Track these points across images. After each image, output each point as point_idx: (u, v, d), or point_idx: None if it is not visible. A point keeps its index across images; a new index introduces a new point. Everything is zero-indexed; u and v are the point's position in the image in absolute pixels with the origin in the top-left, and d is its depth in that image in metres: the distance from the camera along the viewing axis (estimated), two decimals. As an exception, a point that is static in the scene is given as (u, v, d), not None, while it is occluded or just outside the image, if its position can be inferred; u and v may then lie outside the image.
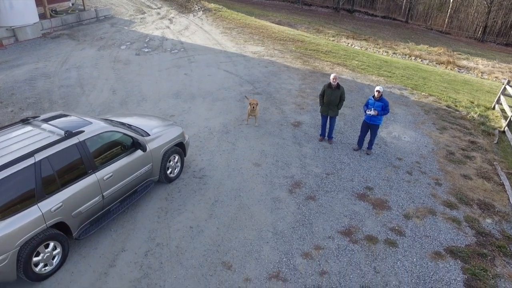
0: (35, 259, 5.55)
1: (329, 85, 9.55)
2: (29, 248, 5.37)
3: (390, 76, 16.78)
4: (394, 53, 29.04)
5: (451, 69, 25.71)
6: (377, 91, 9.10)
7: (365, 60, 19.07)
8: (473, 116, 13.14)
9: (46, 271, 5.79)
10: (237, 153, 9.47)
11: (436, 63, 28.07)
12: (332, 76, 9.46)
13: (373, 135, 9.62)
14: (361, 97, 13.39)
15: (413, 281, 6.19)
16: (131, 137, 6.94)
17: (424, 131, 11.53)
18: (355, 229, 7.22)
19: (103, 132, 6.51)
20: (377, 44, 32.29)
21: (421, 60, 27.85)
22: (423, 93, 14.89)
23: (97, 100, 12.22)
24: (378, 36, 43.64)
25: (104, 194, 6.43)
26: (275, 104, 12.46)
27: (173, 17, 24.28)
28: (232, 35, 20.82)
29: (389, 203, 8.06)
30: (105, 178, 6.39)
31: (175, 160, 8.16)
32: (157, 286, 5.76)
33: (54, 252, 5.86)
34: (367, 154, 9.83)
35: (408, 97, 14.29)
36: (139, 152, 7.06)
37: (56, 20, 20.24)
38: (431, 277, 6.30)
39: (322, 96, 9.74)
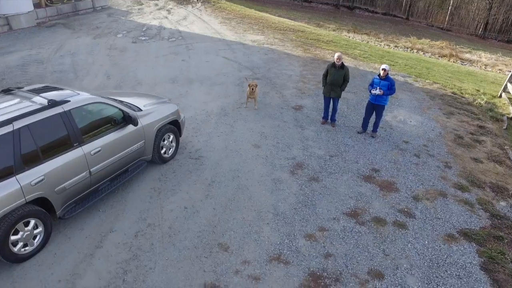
0: (13, 237, 5.07)
1: (333, 64, 9.09)
2: (6, 225, 4.88)
3: (393, 65, 16.30)
4: (396, 46, 28.58)
5: (453, 62, 25.25)
6: (382, 69, 8.63)
7: (367, 50, 18.60)
8: (480, 103, 12.66)
9: (26, 251, 5.31)
10: (235, 135, 9.00)
11: (439, 56, 27.60)
12: (336, 55, 8.99)
13: (379, 116, 9.14)
14: (364, 83, 12.92)
15: (425, 264, 5.70)
16: (122, 110, 6.46)
17: (430, 115, 11.05)
18: (361, 210, 6.74)
19: (91, 103, 6.03)
20: (379, 38, 31.81)
21: (423, 53, 27.36)
22: (427, 81, 14.42)
23: (91, 85, 11.74)
24: (379, 33, 43.33)
25: (91, 170, 5.95)
26: (275, 88, 11.99)
27: (171, 8, 23.81)
28: (232, 25, 20.34)
29: (397, 185, 7.58)
30: (92, 152, 5.90)
31: (170, 140, 7.68)
32: (147, 268, 5.28)
33: (35, 232, 5.38)
34: (372, 137, 9.36)
35: (412, 84, 13.82)
36: (130, 127, 6.58)
37: (51, 9, 19.77)
38: (445, 260, 5.81)
39: (325, 76, 9.27)
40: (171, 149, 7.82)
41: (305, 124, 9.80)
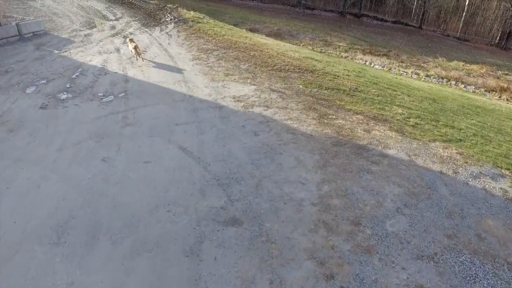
0: None
1: None
2: None
3: (460, 140, 9.92)
4: (427, 76, 22.24)
5: (508, 100, 19.03)
6: None
7: (409, 103, 12.19)
8: None
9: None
10: None
11: (485, 90, 21.28)
12: None
13: None
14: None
15: None
16: None
17: None
18: None
19: None
20: (402, 62, 25.42)
21: (465, 86, 21.14)
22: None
23: None
24: (391, 45, 36.68)
25: None
26: (271, 269, 5.47)
27: (131, 33, 17.30)
28: (209, 63, 13.85)
29: None
30: None
31: None
32: None
33: None
34: None
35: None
36: None
37: None
38: None
39: None
40: None
41: None
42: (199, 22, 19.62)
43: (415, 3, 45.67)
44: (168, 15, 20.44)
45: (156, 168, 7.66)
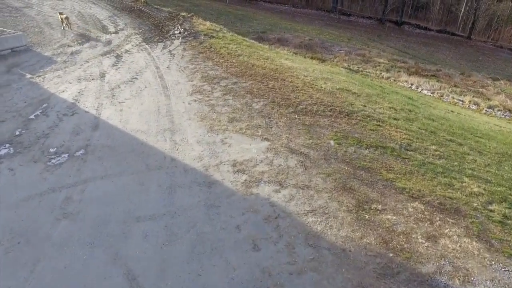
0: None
1: None
2: None
3: None
4: (489, 107, 17.94)
5: None
6: None
7: (484, 169, 8.57)
8: None
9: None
10: None
11: None
12: None
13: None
14: None
15: None
16: None
17: None
18: None
19: None
20: (455, 86, 21.15)
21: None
22: None
23: None
24: (437, 58, 32.11)
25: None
26: None
27: (126, 51, 14.21)
28: (211, 99, 10.50)
29: None
30: None
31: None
32: None
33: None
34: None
35: None
36: None
37: None
38: None
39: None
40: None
41: None
42: (213, 37, 16.31)
43: (462, 10, 40.78)
44: (178, 26, 17.26)
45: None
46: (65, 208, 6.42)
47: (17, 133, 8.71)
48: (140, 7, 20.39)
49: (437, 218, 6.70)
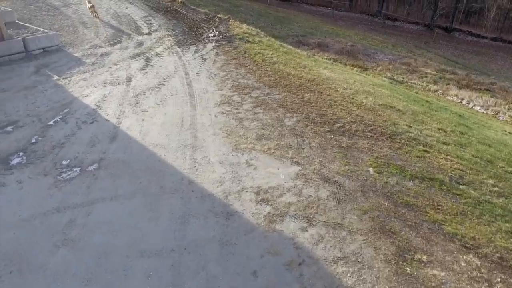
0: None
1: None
2: None
3: None
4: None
5: None
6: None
7: None
8: None
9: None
10: None
11: None
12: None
13: None
14: None
15: None
16: None
17: None
18: None
19: None
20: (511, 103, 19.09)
21: None
22: None
23: None
24: (490, 68, 29.66)
25: None
26: None
27: (158, 53, 13.69)
28: (240, 112, 9.70)
29: None
30: None
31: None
32: None
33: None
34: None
35: None
36: None
37: None
38: None
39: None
40: None
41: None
42: (248, 41, 15.52)
43: (522, 16, 37.88)
44: (213, 29, 16.60)
45: None
46: (67, 233, 5.78)
47: (33, 140, 8.25)
48: (176, 8, 19.93)
49: (498, 279, 5.51)
